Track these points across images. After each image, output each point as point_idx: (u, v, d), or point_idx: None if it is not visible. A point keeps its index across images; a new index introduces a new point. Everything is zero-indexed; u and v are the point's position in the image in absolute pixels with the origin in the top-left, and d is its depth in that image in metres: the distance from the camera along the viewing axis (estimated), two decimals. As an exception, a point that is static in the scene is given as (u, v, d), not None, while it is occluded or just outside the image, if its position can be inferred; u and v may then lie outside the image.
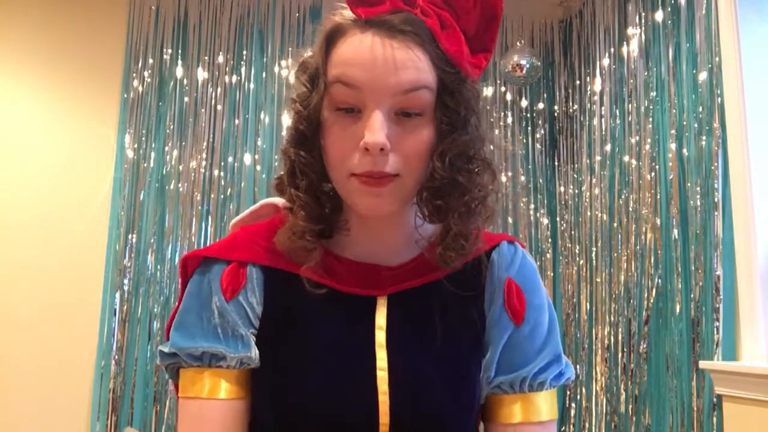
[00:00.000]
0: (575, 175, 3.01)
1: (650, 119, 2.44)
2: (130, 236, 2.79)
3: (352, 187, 0.68)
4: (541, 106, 3.23)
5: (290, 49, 3.04)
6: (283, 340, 0.72)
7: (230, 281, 0.72)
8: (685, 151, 2.23)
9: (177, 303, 0.76)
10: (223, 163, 2.90)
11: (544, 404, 0.74)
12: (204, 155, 2.89)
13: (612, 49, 2.75)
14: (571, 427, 2.82)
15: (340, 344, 0.71)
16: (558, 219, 3.12)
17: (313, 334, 0.72)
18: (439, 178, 0.68)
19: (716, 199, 2.06)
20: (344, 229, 0.74)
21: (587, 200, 2.87)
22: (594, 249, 2.79)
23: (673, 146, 2.29)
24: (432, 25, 0.68)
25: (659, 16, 2.44)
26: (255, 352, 0.71)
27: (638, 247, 2.46)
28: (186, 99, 2.92)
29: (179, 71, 2.93)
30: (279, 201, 0.82)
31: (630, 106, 2.58)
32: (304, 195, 0.70)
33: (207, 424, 0.69)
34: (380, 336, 0.72)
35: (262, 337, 0.72)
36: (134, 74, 2.90)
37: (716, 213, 2.06)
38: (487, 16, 0.71)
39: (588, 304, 2.81)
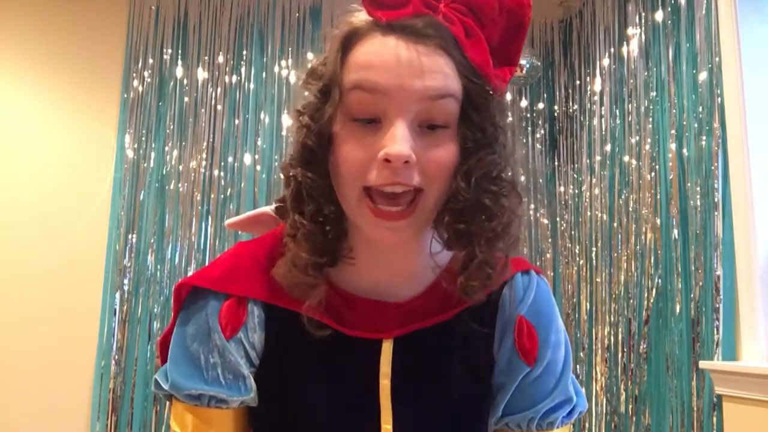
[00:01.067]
0: (575, 175, 3.01)
1: (650, 119, 2.44)
2: (130, 236, 2.78)
3: (365, 217, 0.62)
4: (541, 106, 3.23)
5: (290, 49, 3.04)
6: (283, 385, 0.68)
7: (230, 318, 0.68)
8: (685, 151, 2.23)
9: (170, 325, 0.72)
10: (223, 163, 2.90)
11: None
12: (204, 155, 2.89)
13: (612, 49, 2.75)
14: (571, 427, 2.82)
15: (344, 396, 0.68)
16: (558, 219, 3.12)
17: (315, 382, 0.68)
18: (462, 200, 0.62)
19: (716, 199, 2.06)
20: (348, 258, 0.67)
21: (587, 200, 2.87)
22: (594, 249, 2.79)
23: (673, 146, 2.29)
24: (456, 33, 0.63)
25: (659, 16, 2.44)
26: (255, 392, 0.68)
27: (638, 247, 2.46)
28: (186, 99, 2.92)
29: (179, 71, 2.93)
30: None
31: (630, 106, 2.58)
32: (310, 223, 0.64)
33: None
34: (385, 386, 0.68)
35: (262, 378, 0.69)
36: (134, 74, 2.90)
37: (716, 213, 2.06)
38: (514, 27, 0.66)
39: (588, 304, 2.81)
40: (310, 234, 0.64)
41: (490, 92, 0.64)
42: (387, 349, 0.69)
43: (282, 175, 0.68)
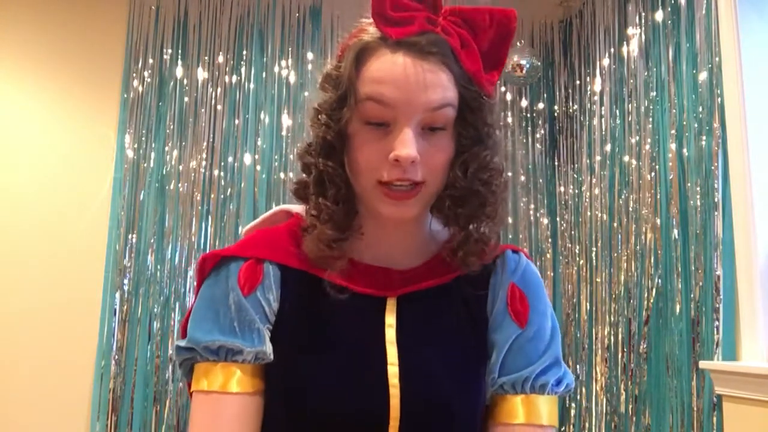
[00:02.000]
0: (575, 175, 3.01)
1: (650, 119, 2.44)
2: (130, 236, 2.79)
3: (378, 196, 0.72)
4: (541, 106, 3.23)
5: (290, 49, 3.04)
6: (297, 338, 0.74)
7: (248, 277, 0.75)
8: (685, 151, 2.23)
9: (193, 300, 0.77)
10: (223, 163, 2.90)
11: (545, 408, 0.75)
12: (204, 155, 2.89)
13: (612, 49, 2.75)
14: (571, 427, 2.82)
15: (352, 341, 0.74)
16: (558, 219, 3.12)
17: (327, 332, 0.75)
18: (460, 188, 0.73)
19: (716, 199, 2.06)
20: (358, 233, 0.76)
21: (587, 200, 2.87)
22: (594, 249, 2.79)
23: (673, 146, 2.29)
24: (453, 44, 0.72)
25: (659, 16, 2.44)
26: (270, 347, 0.73)
27: (638, 247, 2.46)
28: (186, 99, 2.92)
29: (179, 71, 2.93)
30: (292, 207, 0.85)
31: (630, 106, 2.58)
32: (333, 204, 0.74)
33: (219, 418, 0.70)
34: (390, 333, 0.75)
35: (277, 334, 0.75)
36: (134, 74, 2.90)
37: (716, 213, 2.06)
38: (502, 35, 0.75)
39: (588, 304, 2.81)
40: (334, 213, 0.74)
41: (483, 96, 0.74)
42: (391, 304, 0.77)
43: (299, 162, 0.79)
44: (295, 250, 0.77)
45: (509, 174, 3.15)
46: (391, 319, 0.76)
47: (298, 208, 0.83)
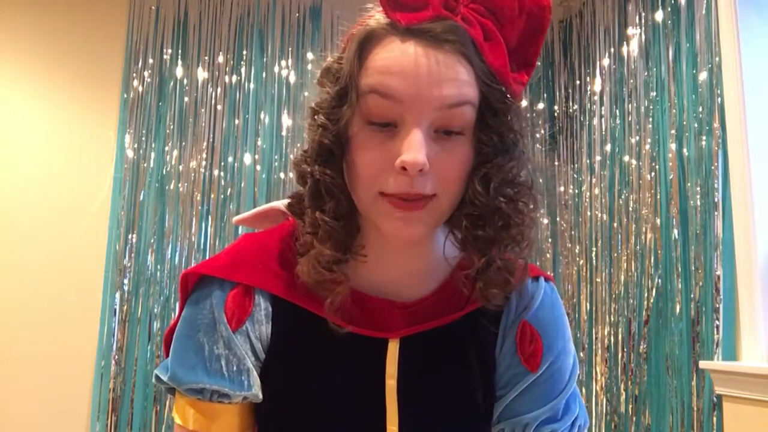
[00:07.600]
0: (575, 175, 3.01)
1: (650, 119, 2.44)
2: (130, 236, 2.78)
3: (381, 208, 0.62)
4: (541, 106, 3.23)
5: (290, 49, 3.04)
6: (288, 382, 0.67)
7: (236, 309, 0.67)
8: (685, 151, 2.23)
9: (177, 316, 0.70)
10: (223, 163, 2.90)
11: None
12: (204, 155, 2.89)
13: (612, 49, 2.75)
14: (571, 427, 2.82)
15: (349, 395, 0.67)
16: (558, 219, 3.12)
17: (321, 380, 0.67)
18: (480, 205, 0.62)
19: (716, 199, 2.06)
20: (360, 255, 0.66)
21: (587, 200, 2.86)
22: (594, 249, 2.78)
23: (673, 146, 2.29)
24: (475, 36, 0.62)
25: (659, 16, 2.44)
26: (259, 389, 0.67)
27: (638, 247, 2.46)
28: (186, 99, 2.92)
29: (179, 71, 2.93)
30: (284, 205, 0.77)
31: (630, 106, 2.58)
32: (331, 220, 0.63)
33: None
34: (390, 386, 0.67)
35: (267, 373, 0.68)
36: (134, 74, 2.90)
37: (716, 213, 2.06)
38: (533, 29, 0.65)
39: (588, 304, 2.81)
40: (333, 230, 0.63)
41: (509, 97, 0.64)
42: (393, 348, 0.68)
43: (295, 172, 0.68)
44: (287, 274, 0.67)
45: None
46: (392, 368, 0.67)
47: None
